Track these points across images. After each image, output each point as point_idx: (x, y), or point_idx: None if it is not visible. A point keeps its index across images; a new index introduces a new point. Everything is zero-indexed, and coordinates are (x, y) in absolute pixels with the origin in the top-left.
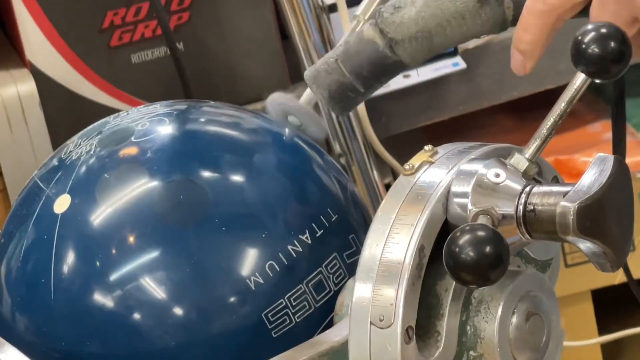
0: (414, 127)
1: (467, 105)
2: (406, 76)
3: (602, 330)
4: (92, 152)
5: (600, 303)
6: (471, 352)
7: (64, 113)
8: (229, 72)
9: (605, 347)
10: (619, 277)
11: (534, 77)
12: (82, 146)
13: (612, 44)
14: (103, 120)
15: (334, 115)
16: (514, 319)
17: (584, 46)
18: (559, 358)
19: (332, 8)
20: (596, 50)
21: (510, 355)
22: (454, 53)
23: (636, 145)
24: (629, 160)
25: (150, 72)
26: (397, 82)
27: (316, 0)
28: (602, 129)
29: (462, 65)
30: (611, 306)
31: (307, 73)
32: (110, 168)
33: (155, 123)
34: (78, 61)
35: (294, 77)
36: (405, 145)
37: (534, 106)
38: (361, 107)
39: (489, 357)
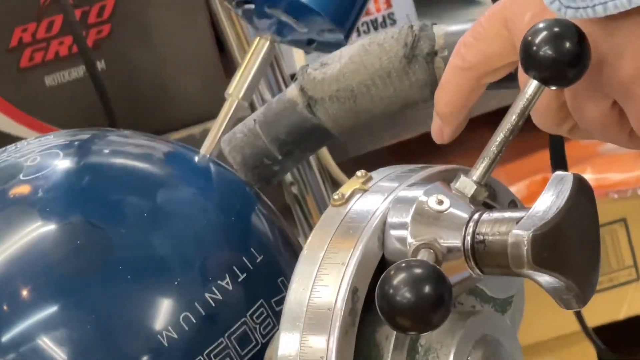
0: (379, 147)
1: None
2: None
3: None
4: None
5: (604, 341)
6: None
7: None
8: (159, 92)
9: None
10: (623, 312)
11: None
12: None
13: (568, 44)
14: None
15: None
16: None
17: (534, 48)
18: None
19: None
20: (549, 52)
21: None
22: None
23: (636, 158)
24: (629, 175)
25: (68, 95)
26: None
27: None
28: (598, 140)
29: None
30: (615, 345)
31: (225, 136)
32: None
33: (48, 157)
34: None
35: None
36: (369, 168)
37: None
38: None
39: None
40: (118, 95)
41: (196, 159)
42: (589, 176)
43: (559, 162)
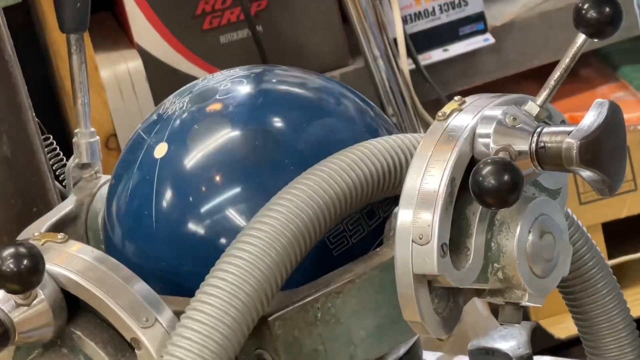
0: (453, 92)
1: (496, 74)
2: (445, 50)
3: (611, 258)
4: (184, 108)
5: (610, 234)
6: (495, 264)
7: (166, 85)
8: (299, 49)
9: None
10: (625, 211)
11: (552, 48)
12: (177, 103)
13: (607, 9)
14: (193, 82)
15: (386, 84)
16: (530, 237)
17: (583, 11)
18: (568, 268)
19: None
20: (594, 14)
21: (527, 267)
22: (484, 30)
23: (636, 103)
24: (631, 115)
25: (235, 50)
26: (438, 55)
27: None
28: (609, 91)
29: (492, 40)
30: (619, 237)
31: None
32: (199, 120)
33: (235, 83)
34: (177, 42)
35: (352, 53)
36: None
37: None
38: (407, 77)
39: (509, 268)
40: (270, 50)
41: (335, 85)
42: None
43: None
